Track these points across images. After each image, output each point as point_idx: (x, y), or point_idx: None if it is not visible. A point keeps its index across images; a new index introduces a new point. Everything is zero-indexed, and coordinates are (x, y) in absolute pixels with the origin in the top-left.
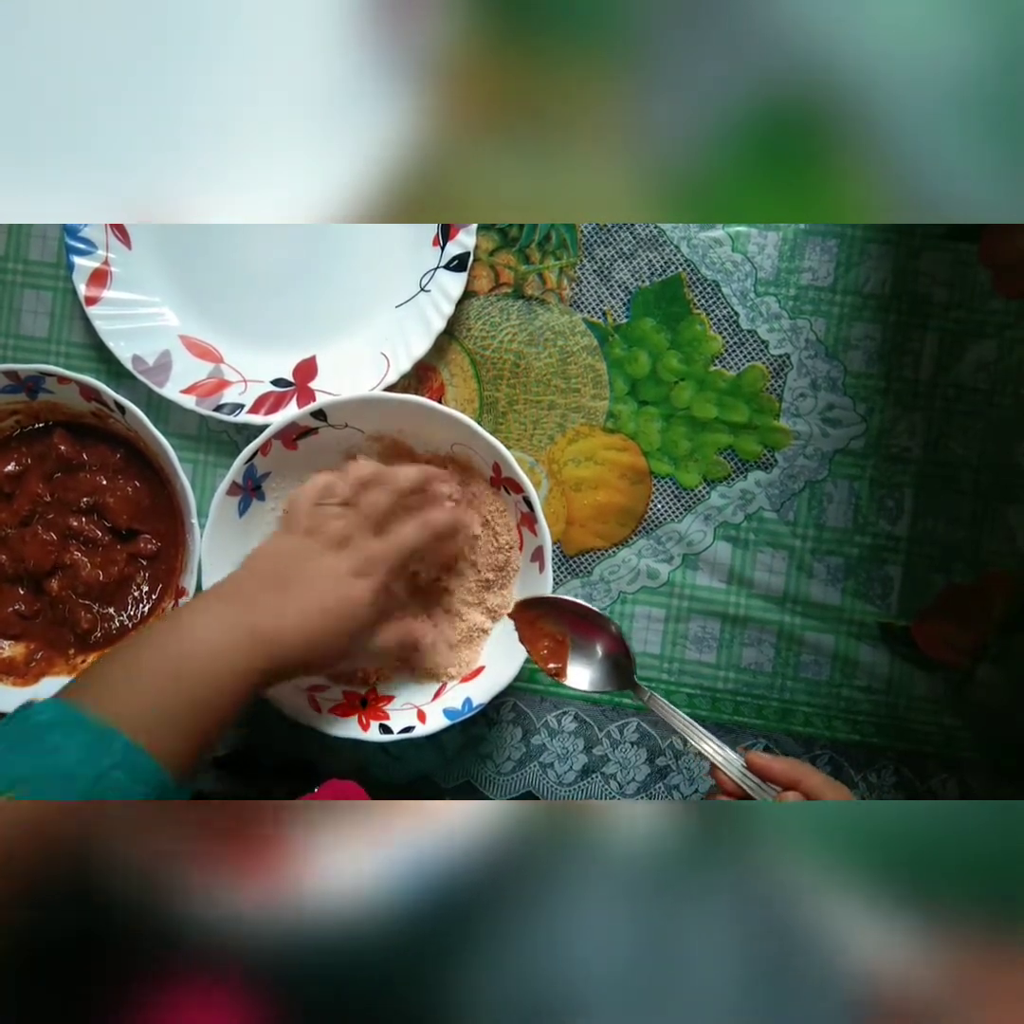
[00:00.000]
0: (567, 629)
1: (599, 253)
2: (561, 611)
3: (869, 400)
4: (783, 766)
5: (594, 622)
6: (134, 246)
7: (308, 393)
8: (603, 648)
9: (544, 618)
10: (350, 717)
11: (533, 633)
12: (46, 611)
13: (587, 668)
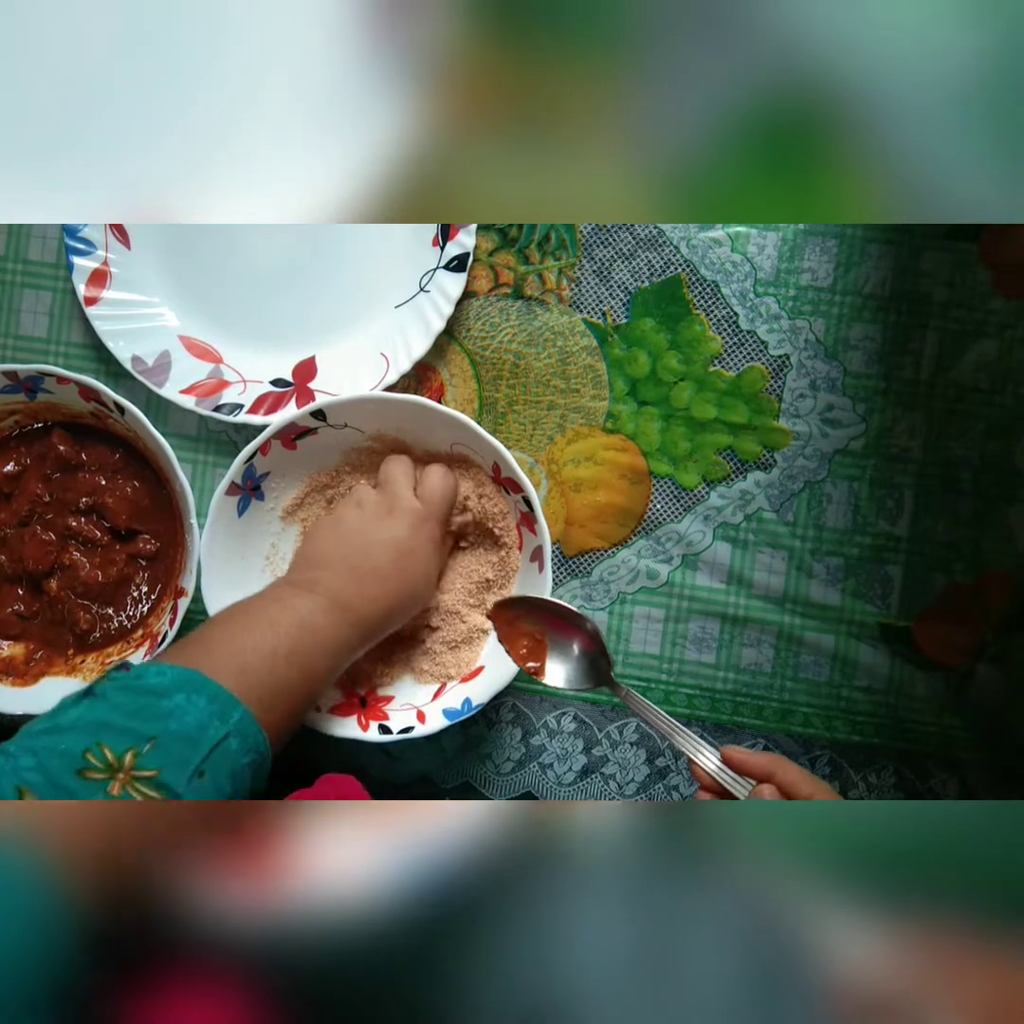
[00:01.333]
0: (545, 628)
1: (598, 253)
2: (539, 611)
3: (869, 400)
4: (759, 760)
5: (571, 621)
6: (134, 246)
7: (307, 393)
8: (580, 646)
9: (523, 618)
10: (349, 717)
11: (512, 633)
12: (45, 611)
13: (564, 666)
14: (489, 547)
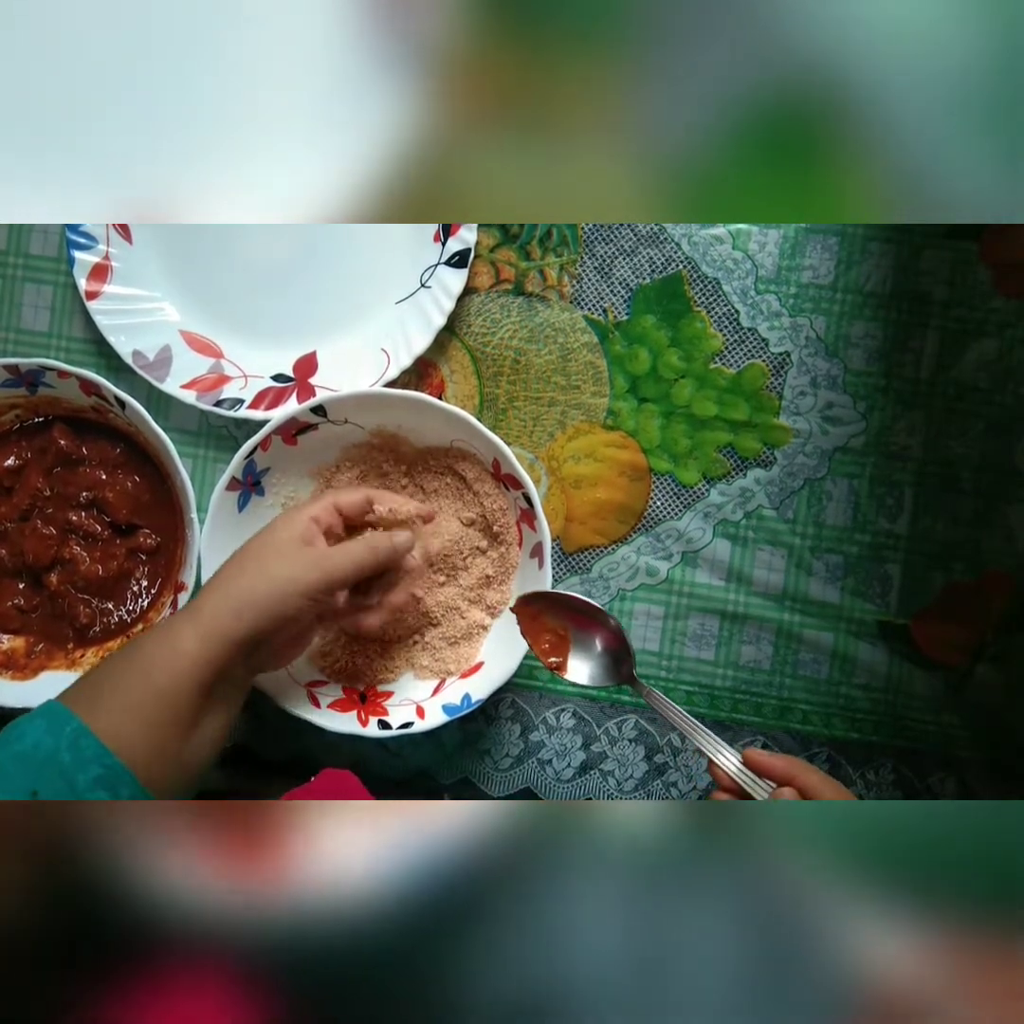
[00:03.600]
0: (568, 624)
1: (600, 250)
2: (562, 606)
3: (869, 398)
4: (780, 763)
5: (594, 617)
6: (135, 241)
7: (308, 389)
8: (602, 643)
9: (546, 613)
10: (349, 713)
11: (535, 627)
12: (45, 605)
13: (587, 663)
14: (489, 544)
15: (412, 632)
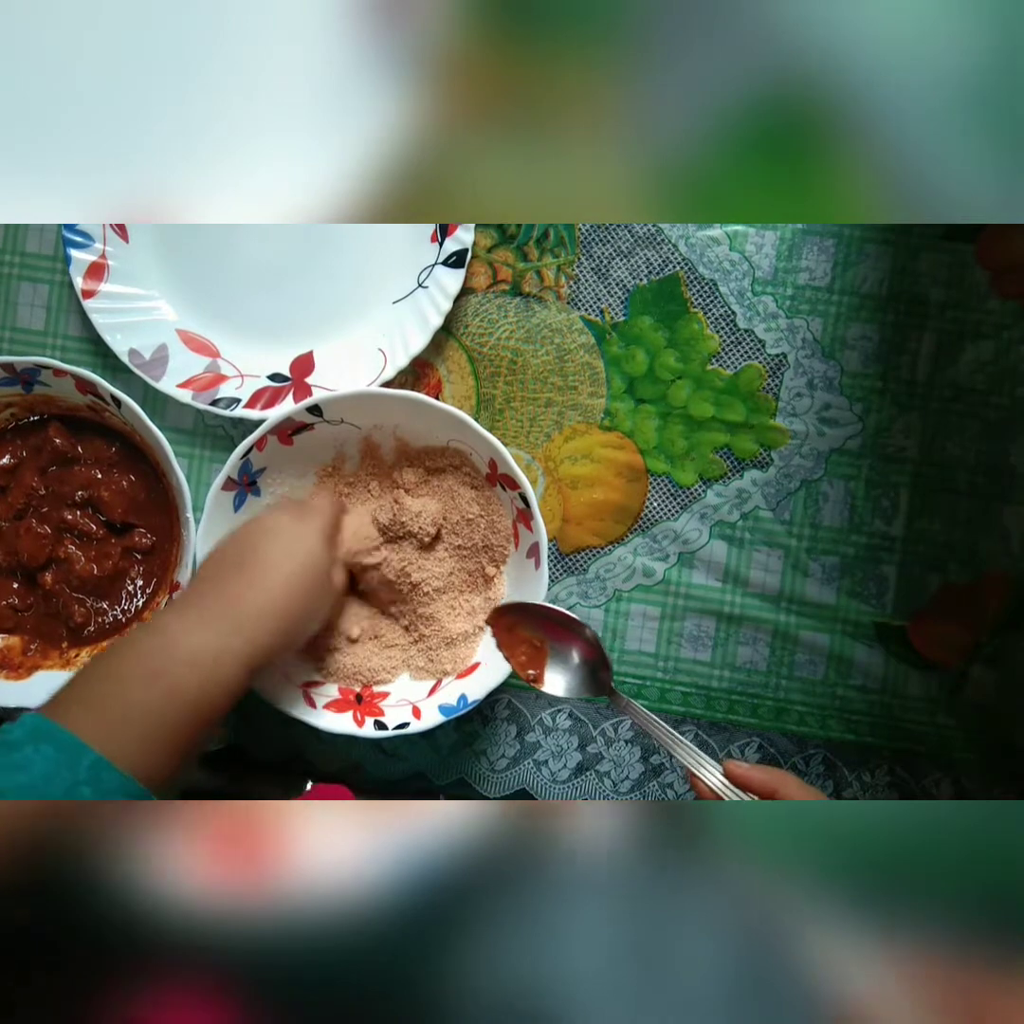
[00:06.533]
0: (544, 635)
1: (597, 251)
2: (538, 617)
3: (865, 400)
4: (761, 776)
5: (571, 628)
6: (131, 240)
7: (304, 388)
8: (580, 654)
9: (521, 624)
10: (345, 713)
11: (511, 639)
12: (40, 604)
13: (564, 675)
14: (488, 544)
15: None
